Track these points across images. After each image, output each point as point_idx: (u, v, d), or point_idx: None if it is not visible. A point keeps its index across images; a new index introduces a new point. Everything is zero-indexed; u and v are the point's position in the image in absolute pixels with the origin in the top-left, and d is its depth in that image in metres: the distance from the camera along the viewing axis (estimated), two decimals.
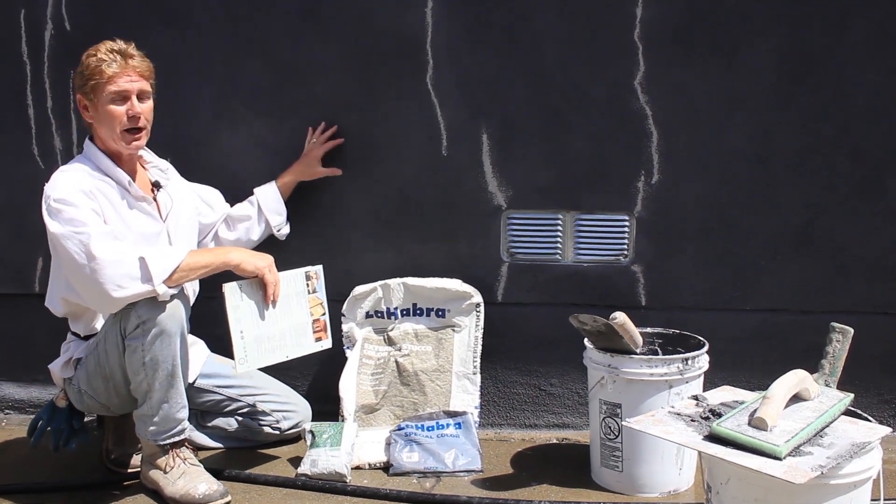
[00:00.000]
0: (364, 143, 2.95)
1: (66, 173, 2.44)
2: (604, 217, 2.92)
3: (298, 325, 2.64)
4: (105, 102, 2.42)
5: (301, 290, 2.65)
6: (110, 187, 2.47)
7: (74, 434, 2.62)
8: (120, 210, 2.47)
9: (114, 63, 2.41)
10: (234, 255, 2.50)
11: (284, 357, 2.62)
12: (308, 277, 2.67)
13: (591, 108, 2.86)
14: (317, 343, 2.69)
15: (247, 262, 2.50)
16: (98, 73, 2.40)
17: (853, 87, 2.77)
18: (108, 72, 2.40)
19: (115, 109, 2.43)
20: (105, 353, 2.42)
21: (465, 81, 2.89)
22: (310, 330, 2.67)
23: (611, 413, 2.48)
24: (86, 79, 2.42)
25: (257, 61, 2.93)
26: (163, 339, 2.34)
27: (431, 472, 2.63)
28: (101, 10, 2.95)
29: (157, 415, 2.40)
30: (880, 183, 2.81)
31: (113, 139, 2.46)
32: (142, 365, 2.35)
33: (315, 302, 2.68)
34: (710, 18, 2.78)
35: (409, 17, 2.86)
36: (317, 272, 2.70)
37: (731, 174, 2.85)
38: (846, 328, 2.08)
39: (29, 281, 3.09)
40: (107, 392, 2.47)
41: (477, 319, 2.92)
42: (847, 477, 1.80)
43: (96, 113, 2.45)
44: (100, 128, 2.47)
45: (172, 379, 2.38)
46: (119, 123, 2.43)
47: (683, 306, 2.91)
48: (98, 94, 2.42)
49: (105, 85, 2.41)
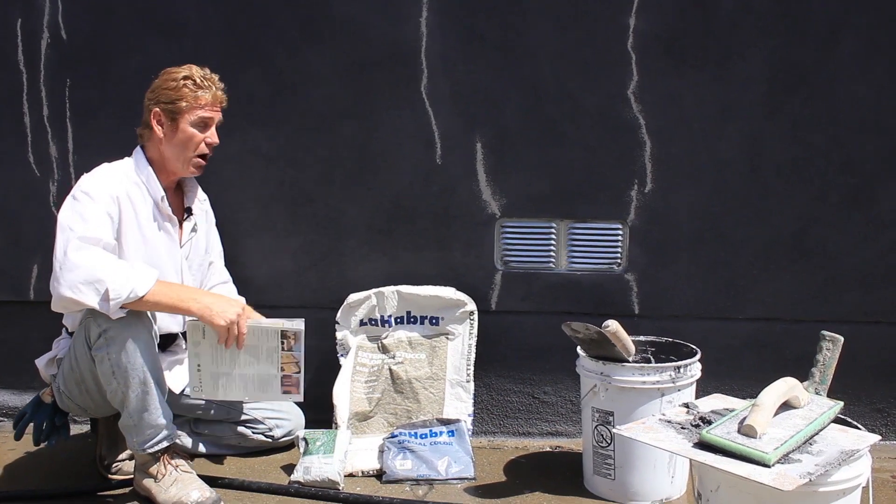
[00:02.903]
0: (359, 152, 2.97)
1: (106, 170, 2.49)
2: (597, 226, 2.93)
3: (263, 377, 2.47)
4: (188, 124, 2.49)
5: (273, 347, 2.45)
6: (141, 196, 2.50)
7: (55, 431, 2.62)
8: (142, 222, 2.49)
9: (208, 91, 2.51)
10: (196, 306, 2.36)
11: (245, 398, 2.55)
12: (284, 336, 2.45)
13: (584, 118, 2.87)
14: (284, 394, 2.51)
15: (208, 316, 2.36)
16: (192, 97, 2.49)
17: (844, 97, 2.79)
18: (202, 98, 2.50)
19: (197, 134, 2.51)
20: (76, 359, 2.43)
21: (459, 91, 2.90)
22: (277, 383, 2.48)
23: (603, 421, 2.49)
24: (175, 98, 2.48)
25: (253, 71, 2.95)
26: (128, 348, 2.32)
27: (424, 479, 2.63)
28: (97, 20, 2.96)
29: (138, 424, 2.39)
30: (871, 192, 2.83)
31: (181, 160, 2.53)
32: (112, 374, 2.34)
33: (288, 359, 2.47)
34: (702, 29, 2.80)
35: (404, 27, 2.88)
36: (296, 333, 2.45)
37: (723, 183, 2.87)
38: (836, 336, 2.09)
39: (24, 289, 3.09)
40: (81, 395, 2.49)
41: (471, 327, 2.93)
42: (836, 484, 1.81)
43: (172, 131, 2.50)
44: (169, 146, 2.51)
45: (146, 386, 2.36)
46: (195, 149, 2.53)
47: (676, 315, 2.92)
48: (184, 116, 2.49)
49: (195, 109, 2.49)
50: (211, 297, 2.43)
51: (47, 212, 3.03)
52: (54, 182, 3.03)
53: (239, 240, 2.96)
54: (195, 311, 2.37)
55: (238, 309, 2.41)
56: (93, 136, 3.00)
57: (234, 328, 2.38)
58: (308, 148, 2.98)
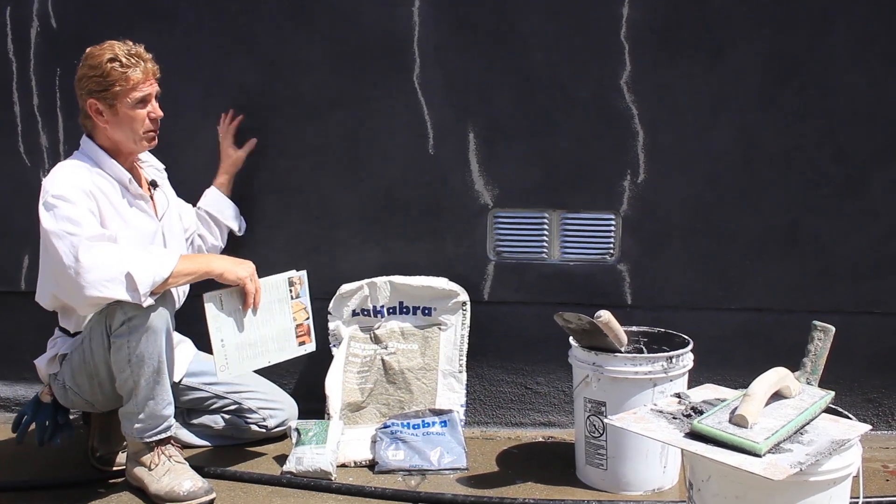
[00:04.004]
0: (351, 142, 2.96)
1: (67, 169, 2.43)
2: (590, 216, 2.93)
3: (281, 331, 2.64)
4: (128, 107, 2.44)
5: (284, 297, 2.64)
6: (110, 185, 2.47)
7: (59, 429, 2.61)
8: (119, 208, 2.47)
9: (137, 69, 2.43)
10: (216, 264, 2.49)
11: (267, 363, 2.64)
12: (291, 283, 2.65)
13: (577, 108, 2.87)
14: (300, 347, 2.69)
15: (229, 272, 2.49)
16: (123, 79, 2.41)
17: (836, 87, 2.79)
18: (134, 78, 2.42)
19: (139, 113, 2.46)
20: (90, 350, 2.41)
21: (451, 80, 2.89)
22: (293, 335, 2.67)
23: (595, 411, 2.49)
24: (106, 84, 2.41)
25: (244, 59, 2.94)
26: (148, 336, 2.33)
27: (417, 470, 2.63)
28: (87, 8, 2.94)
29: (143, 412, 2.40)
30: (864, 182, 2.83)
31: (133, 140, 2.49)
32: (127, 362, 2.35)
33: (298, 307, 2.67)
34: (695, 19, 2.79)
35: (396, 16, 2.87)
36: (300, 277, 2.67)
37: (716, 174, 2.86)
38: (828, 326, 2.09)
39: (15, 279, 3.08)
40: (91, 389, 2.47)
41: (463, 318, 2.93)
42: (827, 474, 1.81)
43: (114, 117, 2.45)
44: (116, 130, 2.47)
45: (158, 376, 2.38)
46: (142, 126, 2.48)
47: (669, 305, 2.92)
48: (121, 99, 2.43)
49: (130, 91, 2.43)
50: (224, 258, 2.55)
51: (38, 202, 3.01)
52: (45, 172, 3.01)
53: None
54: (217, 269, 2.47)
55: (249, 264, 2.55)
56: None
57: (255, 283, 2.52)
58: (299, 138, 2.97)
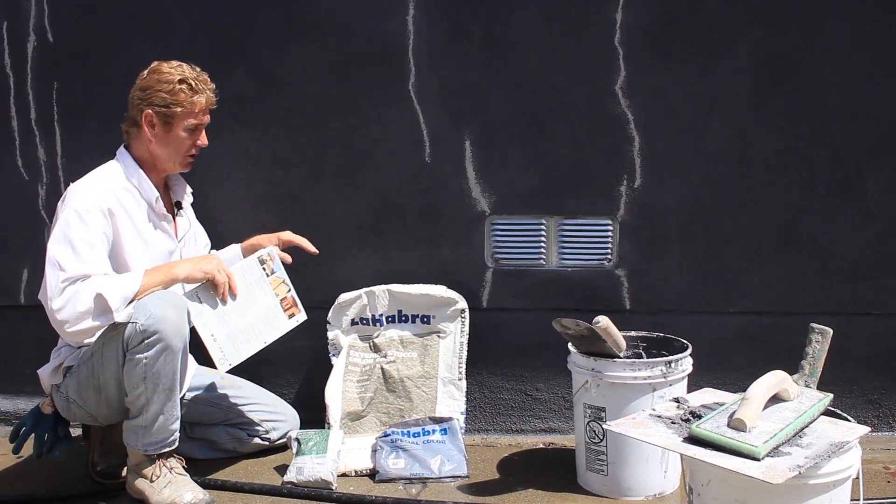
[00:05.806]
0: (347, 151, 2.96)
1: (95, 182, 2.44)
2: (587, 221, 2.93)
3: (267, 310, 2.61)
4: (181, 129, 2.48)
5: (259, 277, 2.61)
6: (135, 201, 2.49)
7: (59, 441, 2.60)
8: (139, 225, 2.49)
9: (202, 95, 2.48)
10: (179, 270, 2.43)
11: (263, 343, 2.60)
12: (262, 262, 2.62)
13: (572, 114, 2.87)
14: (291, 319, 2.66)
15: (193, 272, 2.44)
16: (188, 103, 2.46)
17: (830, 88, 2.79)
18: (198, 104, 2.48)
19: (188, 138, 2.50)
20: (101, 365, 2.39)
21: (447, 88, 2.90)
22: (280, 310, 2.64)
23: (595, 417, 2.49)
24: (170, 103, 2.44)
25: (240, 69, 2.94)
26: (167, 356, 2.33)
27: (417, 478, 2.63)
28: (84, 22, 2.95)
29: (153, 427, 2.39)
30: (859, 183, 2.83)
31: (173, 161, 2.53)
32: (143, 379, 2.34)
33: (277, 282, 2.64)
34: (688, 23, 2.80)
35: (391, 24, 2.88)
36: (269, 254, 2.65)
37: (712, 176, 2.87)
38: (825, 329, 2.09)
39: (14, 292, 3.08)
40: (97, 403, 2.46)
41: (462, 325, 2.93)
42: (826, 477, 1.81)
43: (165, 134, 2.48)
44: (161, 147, 2.49)
45: (171, 393, 2.38)
46: (186, 150, 2.52)
47: (667, 309, 2.92)
48: (178, 121, 2.47)
49: (189, 116, 2.48)
50: (188, 261, 2.51)
51: (36, 215, 3.02)
52: (43, 185, 3.03)
53: (227, 240, 2.94)
54: (181, 274, 2.43)
55: (214, 258, 2.51)
56: (81, 138, 2.99)
57: (223, 273, 2.46)
58: (296, 147, 2.97)
